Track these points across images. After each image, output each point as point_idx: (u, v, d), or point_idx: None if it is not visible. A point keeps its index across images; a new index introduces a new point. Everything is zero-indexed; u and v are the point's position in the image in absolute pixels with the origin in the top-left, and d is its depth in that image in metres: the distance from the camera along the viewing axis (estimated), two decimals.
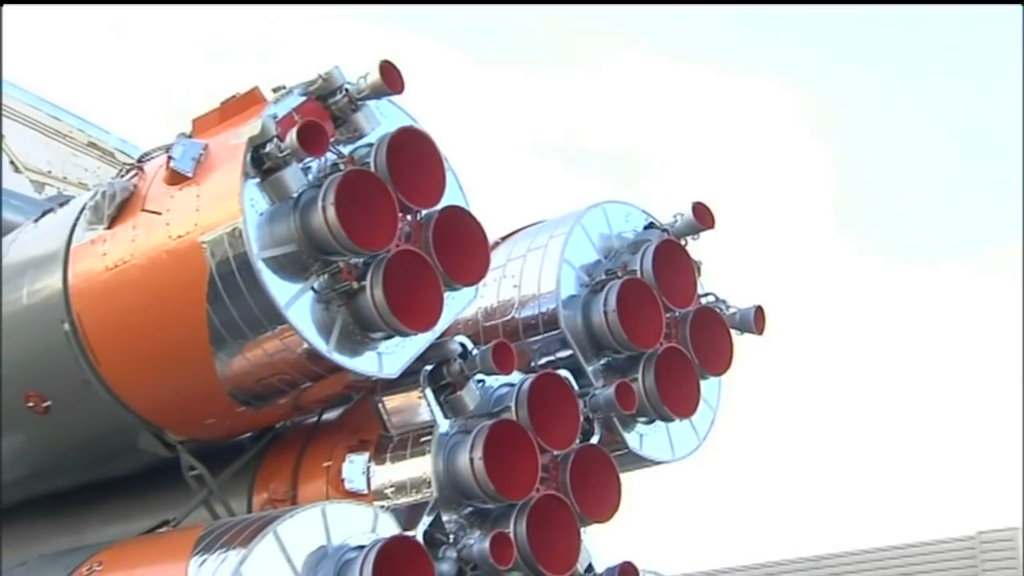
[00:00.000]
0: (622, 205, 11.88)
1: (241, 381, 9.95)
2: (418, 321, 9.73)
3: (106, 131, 36.33)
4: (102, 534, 11.46)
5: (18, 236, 11.21)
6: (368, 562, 9.01)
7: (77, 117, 36.02)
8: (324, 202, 9.27)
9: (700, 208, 11.71)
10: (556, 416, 10.40)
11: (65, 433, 10.93)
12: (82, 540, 11.51)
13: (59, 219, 10.84)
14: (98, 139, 36.32)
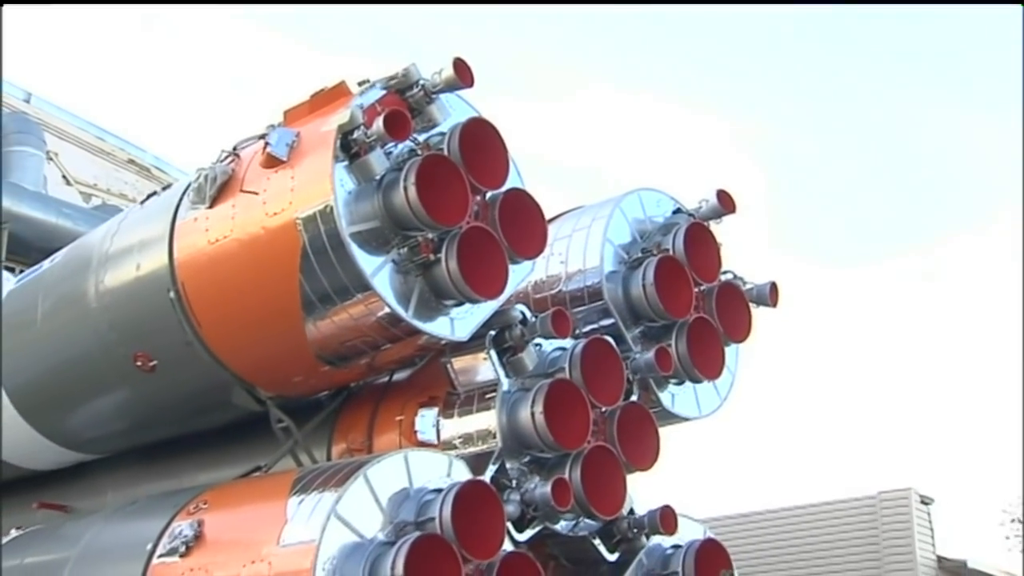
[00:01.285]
0: (654, 192, 11.91)
1: (327, 343, 9.92)
2: (486, 290, 9.74)
3: (143, 150, 36.67)
4: (197, 479, 11.44)
5: (127, 216, 11.14)
6: (447, 502, 8.97)
7: (118, 137, 36.27)
8: (406, 183, 9.27)
9: (723, 195, 11.80)
10: (604, 376, 10.39)
11: (168, 390, 10.87)
12: (179, 485, 11.48)
13: (163, 201, 10.80)
14: (136, 157, 36.71)
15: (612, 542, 10.69)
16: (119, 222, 11.12)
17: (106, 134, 36.29)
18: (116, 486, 12.22)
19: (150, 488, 11.72)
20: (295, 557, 8.87)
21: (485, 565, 9.18)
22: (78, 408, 11.65)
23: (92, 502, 12.30)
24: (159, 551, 9.81)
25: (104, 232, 11.21)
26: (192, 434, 11.81)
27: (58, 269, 11.55)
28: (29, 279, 12.07)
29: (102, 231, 11.33)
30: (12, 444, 12.20)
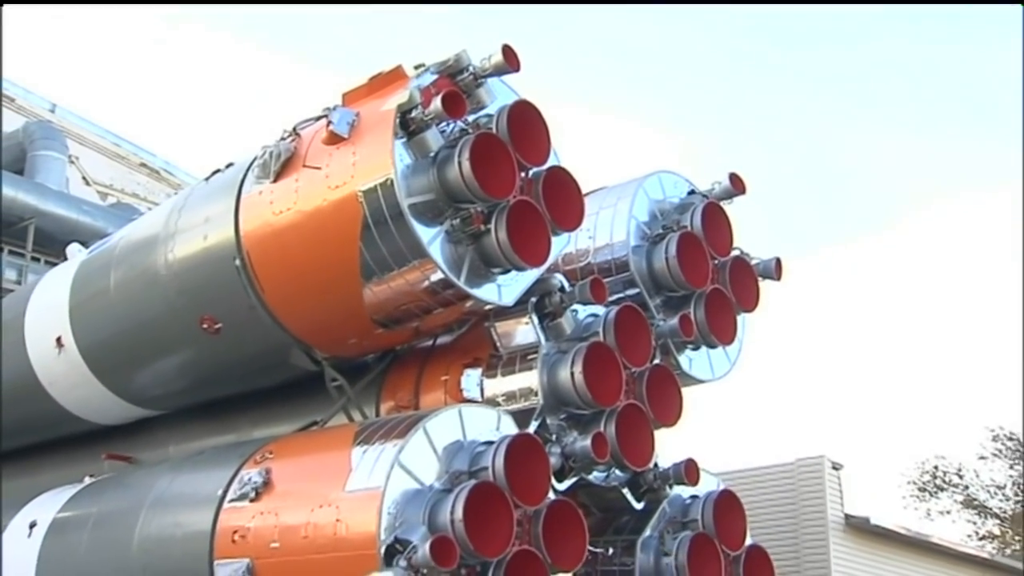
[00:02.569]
0: (671, 174, 11.57)
1: (383, 307, 9.56)
2: (532, 258, 9.42)
3: (154, 154, 36.86)
4: (252, 434, 11.10)
5: (192, 192, 10.72)
6: (500, 452, 8.67)
7: (132, 144, 36.37)
8: (460, 158, 8.97)
9: (735, 178, 11.50)
10: (634, 340, 10.08)
11: (231, 351, 10.48)
12: (236, 439, 11.12)
13: (227, 177, 10.39)
14: (148, 160, 36.89)
15: (639, 492, 10.37)
16: (185, 197, 10.72)
17: (121, 140, 36.60)
18: (177, 440, 11.83)
19: (208, 442, 11.35)
20: (361, 502, 8.52)
21: (533, 511, 8.85)
22: (146, 367, 11.26)
23: (154, 454, 11.93)
24: (229, 496, 9.45)
25: (171, 207, 10.79)
26: (248, 392, 11.36)
27: (129, 242, 11.14)
28: (100, 251, 11.64)
29: (168, 207, 10.92)
30: (83, 400, 11.82)
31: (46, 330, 11.59)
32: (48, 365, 11.66)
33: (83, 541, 10.66)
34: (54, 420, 12.23)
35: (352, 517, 8.50)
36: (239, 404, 11.45)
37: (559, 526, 8.99)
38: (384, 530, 8.26)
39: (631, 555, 10.18)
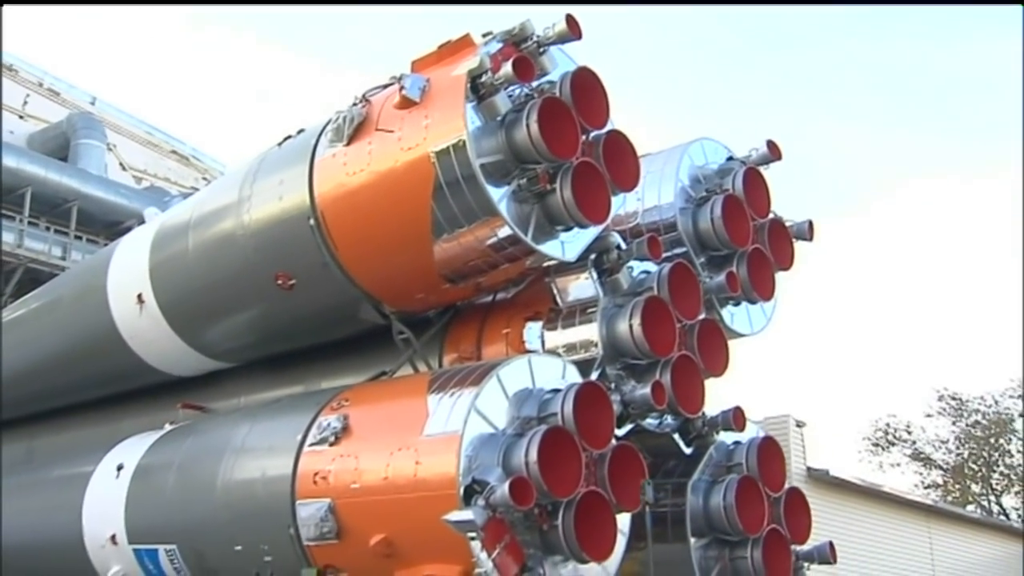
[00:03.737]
0: (711, 141, 11.03)
1: (451, 263, 9.08)
2: (594, 216, 8.94)
3: (183, 142, 37.18)
4: (320, 385, 10.62)
5: (265, 158, 10.18)
6: (569, 399, 8.27)
7: (163, 132, 36.62)
8: (528, 120, 8.53)
9: (772, 145, 10.99)
10: (685, 295, 9.64)
11: (303, 306, 9.98)
12: (304, 390, 10.63)
13: (300, 142, 9.88)
14: (177, 148, 37.18)
15: (688, 438, 9.91)
16: (258, 163, 10.18)
17: (154, 130, 37.01)
18: (246, 391, 11.36)
19: (276, 393, 10.89)
20: (440, 445, 8.08)
21: (598, 455, 8.41)
22: (221, 322, 10.80)
23: (225, 405, 11.47)
24: (309, 441, 9.00)
25: (243, 173, 10.27)
26: (314, 346, 10.87)
27: (205, 206, 10.63)
28: (177, 215, 11.11)
29: (240, 173, 10.38)
30: (161, 353, 11.37)
31: (128, 288, 11.13)
32: (129, 320, 11.20)
33: (168, 482, 10.22)
34: (134, 372, 11.78)
35: (431, 460, 8.07)
36: (306, 357, 10.98)
37: (622, 469, 8.56)
38: (463, 472, 7.85)
39: (680, 496, 9.72)
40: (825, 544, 10.53)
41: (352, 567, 8.72)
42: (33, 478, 12.80)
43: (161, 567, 10.28)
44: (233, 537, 9.42)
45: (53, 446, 13.34)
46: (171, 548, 10.09)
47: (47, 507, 11.81)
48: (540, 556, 8.23)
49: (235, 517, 9.42)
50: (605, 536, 8.41)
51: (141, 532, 10.39)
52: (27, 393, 13.31)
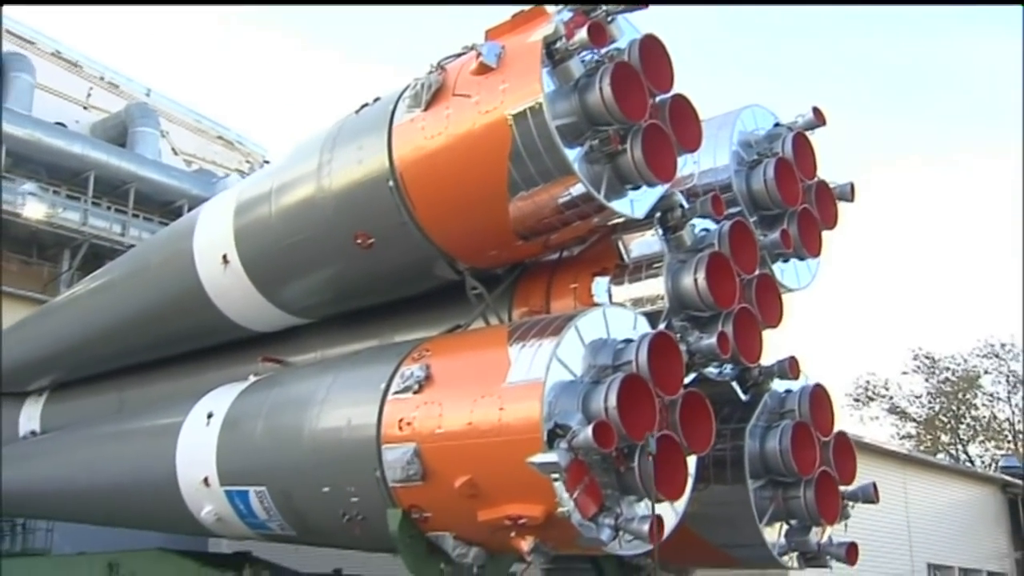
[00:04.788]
0: (759, 108, 10.54)
1: (525, 220, 8.64)
2: (662, 175, 8.50)
3: (228, 128, 37.56)
4: (393, 339, 10.27)
5: (343, 125, 9.75)
6: (643, 347, 7.90)
7: (210, 120, 37.04)
8: (601, 84, 8.11)
9: (817, 111, 10.49)
10: (744, 250, 9.23)
11: (381, 264, 9.56)
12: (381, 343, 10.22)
13: (377, 109, 9.44)
14: (223, 133, 37.51)
15: (745, 386, 9.52)
16: (337, 130, 9.76)
17: (202, 118, 37.56)
18: (323, 346, 11.02)
19: (352, 347, 10.53)
20: (523, 392, 7.72)
21: (669, 400, 8.04)
22: (301, 279, 10.41)
23: (303, 358, 11.11)
24: (392, 389, 8.62)
25: (321, 141, 9.85)
26: (387, 302, 10.47)
27: (285, 172, 10.21)
28: (258, 181, 10.68)
29: (317, 140, 9.95)
30: (244, 310, 11.04)
31: (213, 250, 10.77)
32: (215, 279, 10.85)
33: (257, 428, 9.91)
34: (218, 328, 11.45)
35: (515, 406, 7.72)
36: (379, 313, 10.60)
37: (691, 414, 8.20)
38: (546, 417, 7.51)
39: (737, 440, 9.38)
40: (869, 485, 10.19)
41: (436, 507, 8.38)
42: (126, 426, 12.54)
43: (251, 507, 9.98)
44: (320, 479, 9.10)
45: (142, 397, 13.06)
46: (261, 489, 9.79)
47: (142, 452, 11.54)
48: (617, 496, 7.89)
49: (322, 461, 9.09)
50: (677, 477, 8.09)
51: (232, 475, 10.09)
52: (117, 349, 13.02)
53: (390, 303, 10.47)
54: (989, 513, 27.79)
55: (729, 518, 9.39)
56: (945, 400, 49.41)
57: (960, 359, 48.10)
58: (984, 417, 49.96)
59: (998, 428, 49.63)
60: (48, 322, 14.56)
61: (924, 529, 23.13)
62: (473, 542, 8.45)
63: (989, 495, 28.27)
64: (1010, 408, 48.25)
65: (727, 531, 9.53)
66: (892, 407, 49.54)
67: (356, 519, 8.90)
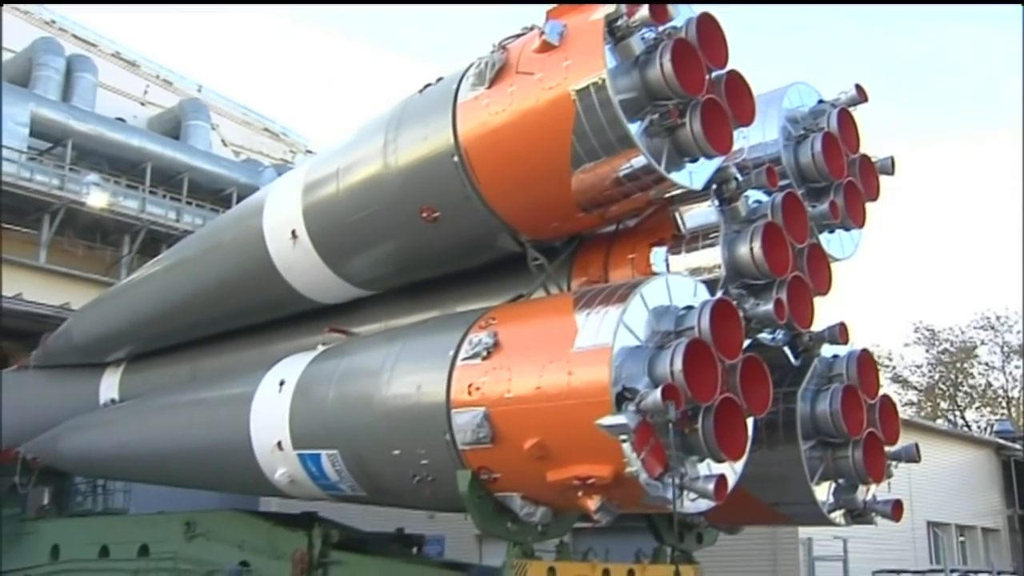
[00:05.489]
0: (803, 85, 10.19)
1: (587, 192, 8.33)
2: (720, 147, 8.18)
3: (273, 121, 37.65)
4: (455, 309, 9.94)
5: (407, 104, 9.46)
6: (705, 314, 7.65)
7: (257, 113, 37.13)
8: (662, 60, 7.81)
9: (859, 88, 10.15)
10: (795, 221, 8.90)
11: (445, 237, 9.27)
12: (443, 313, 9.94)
13: (441, 88, 9.13)
14: (269, 126, 37.58)
15: (797, 351, 9.20)
16: (401, 109, 9.45)
17: (249, 111, 37.64)
18: (386, 317, 10.74)
19: (415, 318, 10.24)
20: (591, 357, 7.45)
21: (730, 364, 7.76)
22: (367, 253, 10.15)
23: (367, 329, 10.81)
24: (461, 356, 8.35)
25: (386, 120, 9.55)
26: (448, 274, 10.17)
27: (352, 151, 9.93)
28: (324, 160, 10.40)
29: (382, 120, 9.65)
30: (312, 283, 10.77)
31: (282, 227, 10.51)
32: (284, 254, 10.59)
33: (329, 394, 9.67)
34: (286, 300, 11.19)
35: (583, 370, 7.46)
36: (440, 285, 10.30)
37: (750, 377, 7.92)
38: (614, 380, 7.25)
39: (789, 403, 9.09)
40: (912, 445, 9.92)
41: (504, 468, 8.14)
42: (200, 394, 12.35)
43: (323, 469, 9.76)
44: (391, 443, 8.87)
45: (214, 367, 12.86)
46: (333, 453, 9.56)
47: (217, 419, 11.33)
48: (680, 456, 7.61)
49: (393, 425, 8.85)
50: (738, 438, 7.83)
51: (305, 439, 9.86)
52: (190, 322, 12.83)
53: (451, 275, 10.19)
54: (984, 474, 27.71)
55: (780, 478, 9.12)
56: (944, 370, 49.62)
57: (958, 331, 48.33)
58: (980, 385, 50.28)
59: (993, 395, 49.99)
60: (124, 298, 14.40)
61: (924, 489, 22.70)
62: (540, 502, 8.21)
63: (984, 457, 28.16)
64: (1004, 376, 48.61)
65: (778, 490, 9.27)
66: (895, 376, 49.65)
67: (426, 480, 8.67)
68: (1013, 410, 47.29)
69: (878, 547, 20.30)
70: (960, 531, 25.85)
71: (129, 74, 34.36)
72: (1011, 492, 28.38)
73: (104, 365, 14.98)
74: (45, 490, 16.54)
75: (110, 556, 13.67)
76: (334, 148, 10.40)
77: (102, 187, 28.13)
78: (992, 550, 27.06)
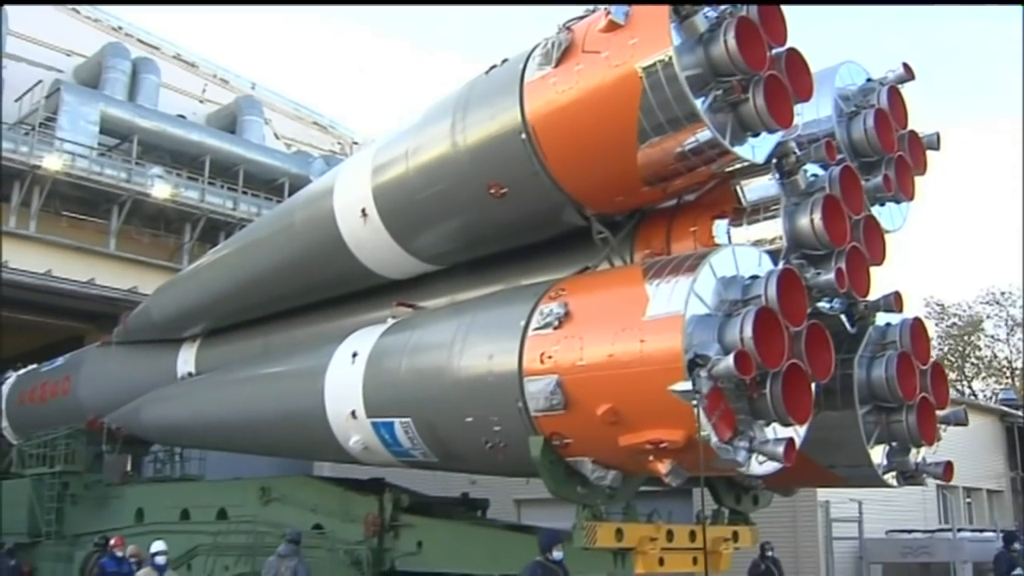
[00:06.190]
0: (852, 64, 9.77)
1: (653, 167, 8.00)
2: (783, 121, 7.82)
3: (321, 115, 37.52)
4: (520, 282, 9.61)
5: (473, 86, 9.15)
6: (772, 282, 7.36)
7: (306, 107, 37.10)
8: (726, 37, 7.48)
9: (907, 66, 9.74)
10: (852, 193, 8.55)
11: (512, 211, 8.96)
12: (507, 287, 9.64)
13: (507, 69, 8.84)
14: (318, 119, 37.48)
15: (853, 319, 8.83)
16: (468, 91, 9.16)
17: (299, 106, 37.14)
18: (452, 291, 10.45)
19: (480, 291, 9.98)
20: (663, 325, 7.18)
21: (795, 331, 7.44)
22: (435, 228, 9.86)
23: (434, 303, 10.52)
24: (532, 326, 8.05)
25: (452, 103, 9.26)
26: (511, 249, 9.86)
27: (420, 130, 9.59)
28: (393, 141, 10.08)
29: (448, 104, 9.35)
30: (381, 259, 10.52)
31: (353, 206, 10.24)
32: (354, 232, 10.34)
33: (401, 365, 9.44)
34: (356, 276, 10.95)
35: (655, 337, 7.18)
36: (504, 259, 10.00)
37: (813, 344, 7.60)
38: (686, 347, 6.95)
39: (846, 369, 8.69)
40: (960, 410, 9.59)
41: (576, 434, 7.87)
42: (274, 367, 12.13)
43: (396, 436, 9.54)
44: (463, 410, 8.62)
45: (285, 341, 12.64)
46: (406, 421, 9.33)
47: (291, 390, 11.13)
48: (749, 421, 7.30)
49: (466, 393, 8.59)
50: (804, 402, 7.52)
51: (378, 407, 9.63)
52: (262, 299, 12.63)
53: (513, 250, 9.89)
54: (989, 439, 27.40)
55: (837, 441, 8.80)
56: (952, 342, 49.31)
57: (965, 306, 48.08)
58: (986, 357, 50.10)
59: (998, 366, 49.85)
60: (200, 277, 14.22)
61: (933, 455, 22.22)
62: (611, 465, 7.95)
63: (989, 424, 27.82)
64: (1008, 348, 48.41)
65: (834, 453, 8.95)
66: None
67: (499, 446, 8.42)
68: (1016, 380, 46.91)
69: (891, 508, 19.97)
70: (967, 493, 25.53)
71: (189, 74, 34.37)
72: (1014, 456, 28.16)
73: (181, 341, 14.85)
74: (126, 457, 16.50)
75: (191, 519, 13.58)
76: (401, 131, 10.09)
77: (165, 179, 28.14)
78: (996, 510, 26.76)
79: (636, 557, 8.39)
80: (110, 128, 28.39)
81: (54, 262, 24.71)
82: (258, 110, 33.89)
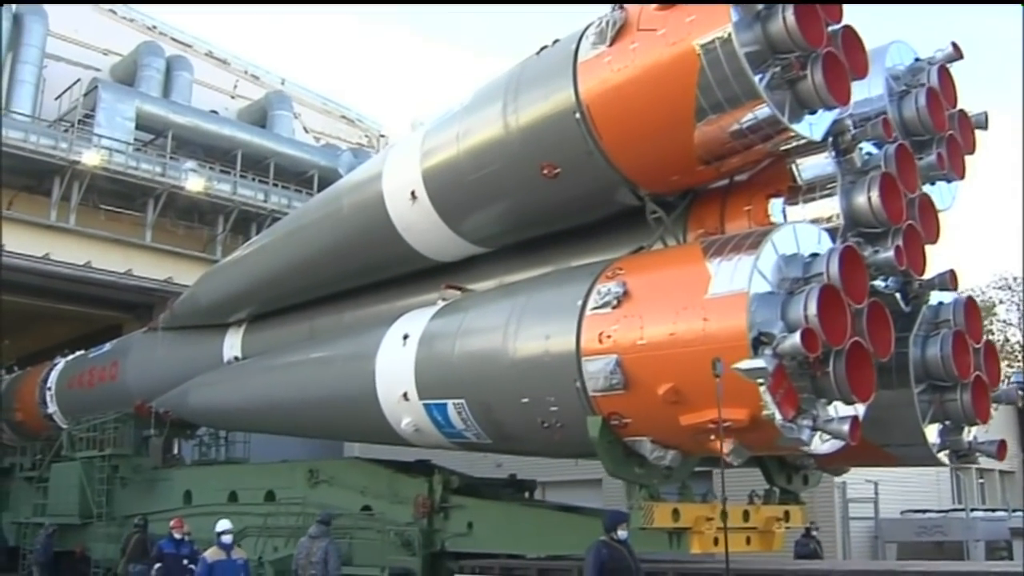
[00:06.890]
0: (902, 43, 9.45)
1: (709, 145, 7.74)
2: (841, 98, 7.56)
3: (349, 108, 37.30)
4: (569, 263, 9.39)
5: (524, 67, 8.92)
6: (833, 260, 7.09)
7: (334, 102, 37.10)
8: (784, 13, 7.21)
9: (955, 46, 9.43)
10: (907, 171, 8.27)
11: (564, 192, 8.71)
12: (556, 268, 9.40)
13: (560, 49, 8.60)
14: (345, 113, 37.36)
15: (908, 298, 8.57)
16: (520, 71, 8.93)
17: (327, 100, 37.06)
18: (500, 273, 10.25)
19: (529, 273, 9.79)
20: (727, 303, 6.95)
21: (857, 309, 7.18)
22: (486, 210, 9.63)
23: (481, 285, 10.34)
24: (590, 305, 7.82)
25: (504, 83, 9.04)
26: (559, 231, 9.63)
27: (470, 112, 9.38)
28: (442, 124, 9.85)
29: (502, 83, 9.10)
30: (430, 241, 10.32)
31: (402, 188, 10.03)
32: (403, 215, 10.14)
33: (453, 347, 9.23)
34: (405, 259, 10.74)
35: (719, 316, 6.94)
36: (553, 241, 9.78)
37: (874, 322, 7.35)
38: (750, 326, 6.69)
39: (901, 348, 8.38)
40: (1012, 389, 9.33)
41: (636, 414, 7.64)
42: (323, 350, 11.96)
43: (449, 418, 9.34)
44: (519, 391, 8.41)
45: (331, 325, 12.47)
46: (459, 402, 9.12)
47: (342, 372, 10.95)
48: (812, 399, 7.05)
49: (521, 374, 8.38)
50: (867, 380, 7.27)
51: (430, 389, 9.43)
52: (309, 283, 12.45)
53: (561, 232, 9.66)
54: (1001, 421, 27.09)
55: (891, 420, 8.51)
56: None
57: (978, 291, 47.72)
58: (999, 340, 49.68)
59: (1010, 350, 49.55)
60: (247, 263, 14.03)
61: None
62: (670, 445, 7.71)
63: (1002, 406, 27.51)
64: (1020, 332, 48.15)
65: (888, 432, 8.66)
66: None
67: (555, 426, 8.21)
68: None
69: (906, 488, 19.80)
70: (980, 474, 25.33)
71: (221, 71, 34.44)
72: None
73: (226, 326, 14.72)
74: (174, 440, 16.42)
75: (239, 500, 13.46)
76: (450, 113, 9.86)
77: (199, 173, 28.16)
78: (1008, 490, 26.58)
79: (692, 537, 8.17)
80: (145, 124, 28.46)
81: (93, 254, 24.87)
82: (288, 105, 33.92)
